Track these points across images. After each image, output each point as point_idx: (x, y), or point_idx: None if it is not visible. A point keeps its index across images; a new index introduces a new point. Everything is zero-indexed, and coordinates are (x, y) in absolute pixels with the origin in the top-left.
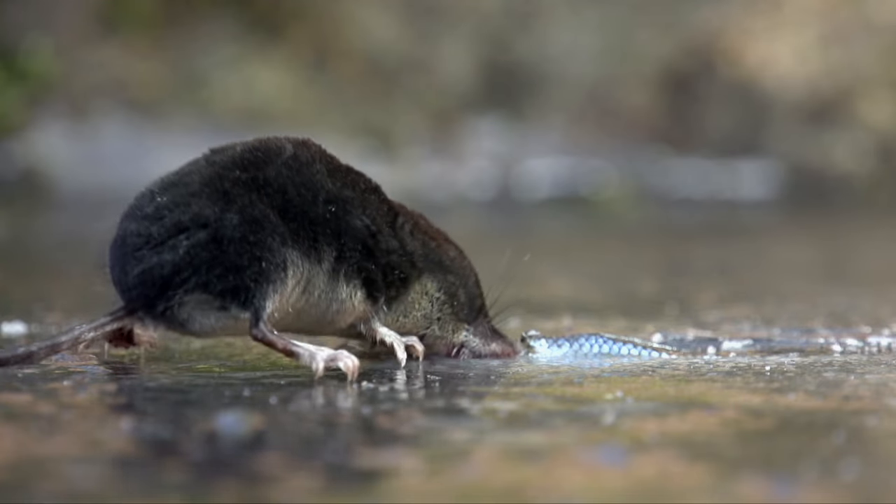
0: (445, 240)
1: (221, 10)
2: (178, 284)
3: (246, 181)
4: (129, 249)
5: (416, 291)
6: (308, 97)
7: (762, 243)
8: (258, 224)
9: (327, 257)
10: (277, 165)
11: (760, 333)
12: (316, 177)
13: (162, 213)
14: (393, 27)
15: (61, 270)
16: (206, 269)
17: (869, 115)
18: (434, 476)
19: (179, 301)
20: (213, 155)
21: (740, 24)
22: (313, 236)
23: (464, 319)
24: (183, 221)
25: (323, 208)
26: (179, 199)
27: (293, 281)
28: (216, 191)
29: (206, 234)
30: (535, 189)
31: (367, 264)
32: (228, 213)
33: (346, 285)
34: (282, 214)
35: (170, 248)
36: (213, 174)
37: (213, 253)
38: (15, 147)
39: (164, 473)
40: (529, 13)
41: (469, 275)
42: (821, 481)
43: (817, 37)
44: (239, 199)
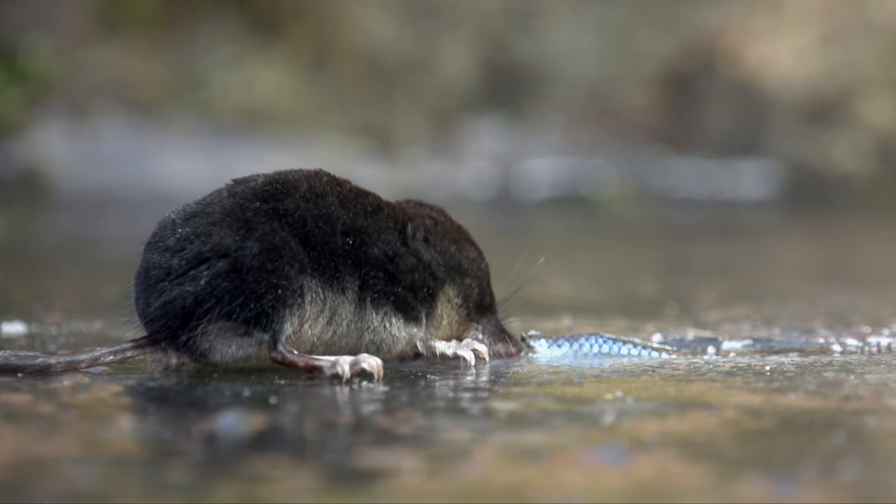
0: (466, 239)
1: (221, 10)
2: (200, 315)
3: (266, 211)
4: (151, 281)
5: (442, 301)
6: (308, 97)
7: (762, 243)
8: (277, 252)
9: (350, 287)
10: (296, 198)
11: (760, 333)
12: (331, 208)
13: (183, 245)
14: (393, 27)
15: (61, 270)
16: (228, 299)
17: (869, 115)
18: (434, 476)
19: (203, 331)
20: (235, 186)
21: (740, 24)
22: (334, 266)
23: (474, 319)
24: (203, 252)
25: (341, 240)
26: (200, 229)
27: (313, 308)
28: (237, 220)
29: (225, 263)
30: (535, 189)
31: (392, 289)
32: (248, 242)
33: (374, 313)
34: (303, 243)
35: (191, 279)
36: (233, 205)
37: (234, 282)
38: (15, 147)
39: (164, 473)
40: (529, 13)
41: (484, 276)
42: (821, 481)
43: (817, 37)
44: (259, 228)
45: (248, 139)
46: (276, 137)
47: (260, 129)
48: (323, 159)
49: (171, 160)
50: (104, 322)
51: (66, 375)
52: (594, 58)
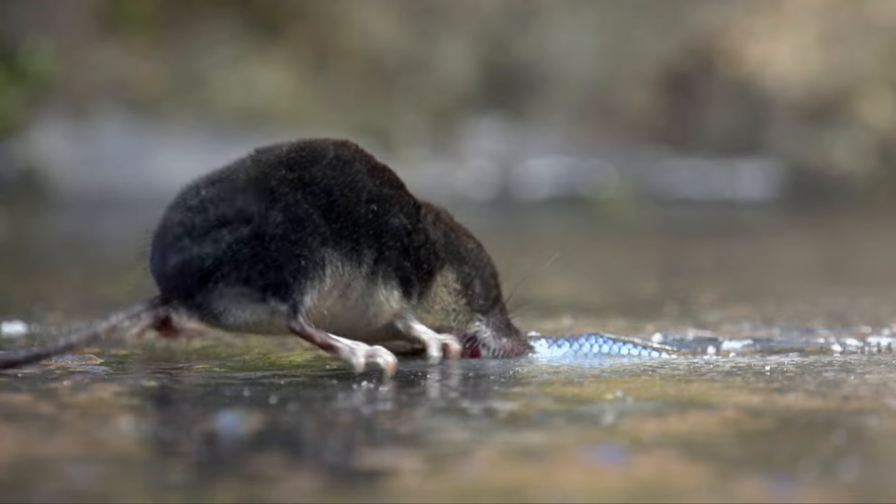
0: (465, 233)
1: (221, 10)
2: (218, 277)
3: (292, 180)
4: (170, 239)
5: (438, 283)
6: (308, 97)
7: (762, 243)
8: (300, 223)
9: (367, 260)
10: (322, 166)
11: (760, 333)
12: (357, 176)
13: (206, 206)
14: (393, 27)
15: (61, 270)
16: (247, 265)
17: (869, 115)
18: (434, 476)
19: (219, 293)
20: (259, 154)
21: (740, 24)
22: (355, 238)
23: (477, 310)
24: (227, 215)
25: (365, 208)
26: (225, 193)
27: (331, 282)
28: (262, 188)
29: (249, 229)
30: (535, 189)
31: (403, 263)
32: (272, 211)
33: (383, 288)
34: (325, 214)
35: (212, 240)
36: (259, 172)
37: (255, 249)
38: (15, 147)
39: (164, 473)
40: (529, 13)
41: (486, 266)
42: (821, 481)
43: (817, 37)
44: (283, 198)
45: (248, 139)
46: (277, 137)
47: (260, 129)
48: None
49: (171, 160)
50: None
51: (64, 376)
52: (594, 58)
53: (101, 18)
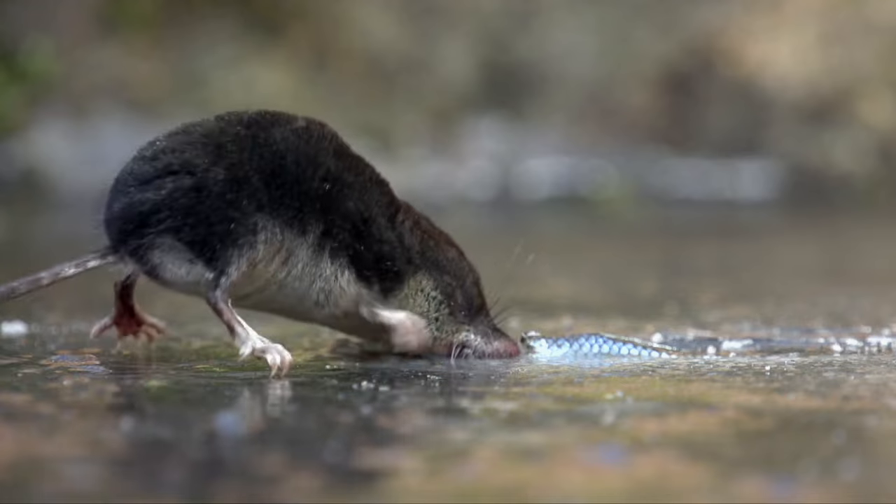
0: (447, 242)
1: (221, 10)
2: (153, 224)
3: (244, 137)
4: (120, 186)
5: (412, 287)
6: (308, 97)
7: (762, 243)
8: (238, 184)
9: (312, 230)
10: (284, 130)
11: (760, 333)
12: (319, 153)
13: (157, 156)
14: (393, 27)
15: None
16: (181, 215)
17: (869, 115)
18: (434, 476)
19: (150, 242)
20: (227, 113)
21: (740, 24)
22: (299, 207)
23: (463, 321)
24: (173, 165)
25: (318, 184)
26: (177, 145)
27: (267, 248)
28: (212, 143)
29: (191, 181)
30: (535, 189)
31: (355, 244)
32: (216, 167)
33: (330, 262)
34: (269, 179)
35: (155, 187)
36: (216, 127)
37: (192, 201)
38: (15, 147)
39: (164, 473)
40: (529, 13)
41: (467, 275)
42: (821, 481)
43: (817, 37)
44: (230, 156)
45: None
46: None
47: None
48: None
49: None
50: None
51: (64, 376)
52: (594, 58)
53: (101, 18)
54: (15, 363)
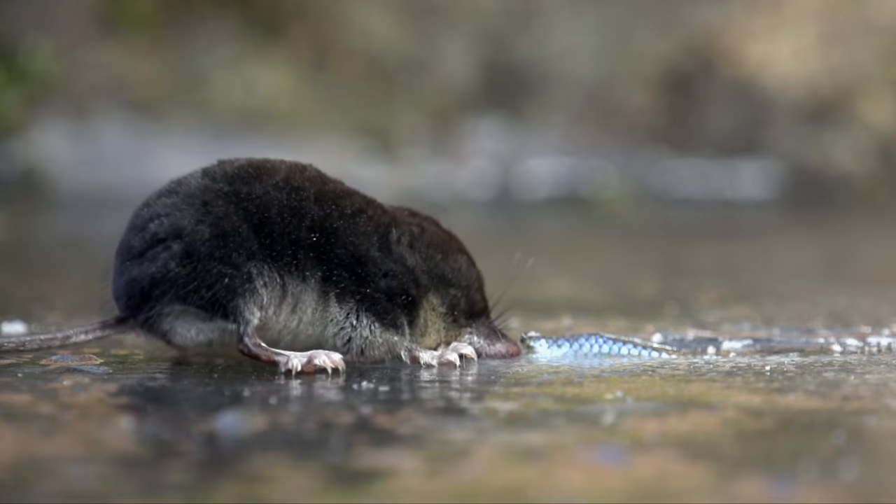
0: (456, 249)
1: (221, 10)
2: (156, 297)
3: (227, 194)
4: (119, 260)
5: (426, 309)
6: (308, 97)
7: (762, 243)
8: (225, 238)
9: (312, 276)
10: (266, 185)
11: (760, 333)
12: (302, 202)
13: (146, 224)
14: (393, 27)
15: (61, 270)
16: (181, 283)
17: (869, 115)
18: (434, 476)
19: (159, 312)
20: (213, 166)
21: (740, 24)
22: (293, 255)
23: (464, 324)
24: (160, 233)
25: (306, 233)
26: (162, 209)
27: (271, 292)
28: (197, 202)
29: (179, 246)
30: (535, 189)
31: (359, 289)
32: (201, 226)
33: (339, 308)
34: (258, 230)
35: (149, 259)
36: (200, 186)
37: (187, 268)
38: (15, 147)
39: (164, 473)
40: (529, 13)
41: (473, 284)
42: (821, 481)
43: (817, 37)
44: (214, 212)
45: (248, 139)
46: (276, 137)
47: (260, 129)
48: (323, 159)
49: (171, 160)
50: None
51: (64, 376)
52: (594, 58)
53: (101, 18)
54: (15, 363)
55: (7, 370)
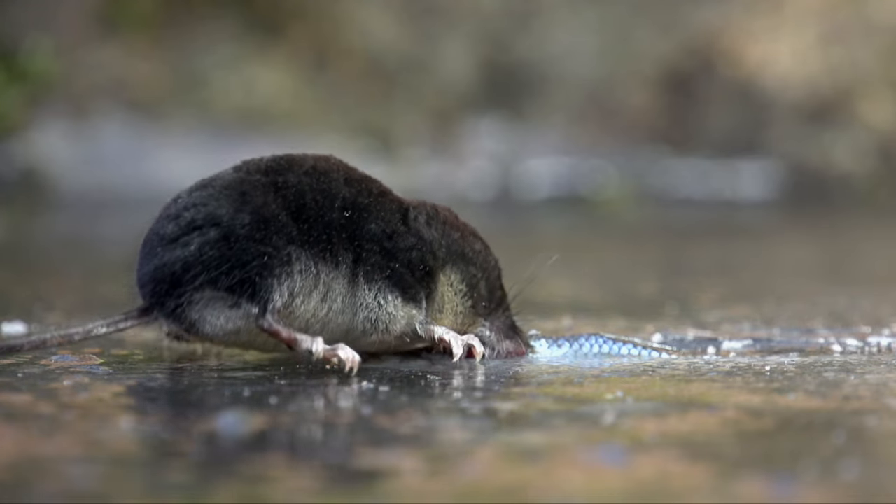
0: (472, 233)
1: (221, 10)
2: (188, 281)
3: (265, 184)
4: (148, 248)
5: (443, 283)
6: (308, 97)
7: (762, 243)
8: (267, 223)
9: (344, 261)
10: (298, 173)
11: (760, 333)
12: (332, 184)
13: (180, 213)
14: (393, 27)
15: (61, 270)
16: (215, 265)
17: (869, 115)
18: (434, 476)
19: (189, 299)
20: (242, 164)
21: (740, 24)
22: (328, 239)
23: (481, 314)
24: (197, 220)
25: (339, 213)
26: (199, 199)
27: (304, 280)
28: (235, 192)
29: (217, 232)
30: (535, 189)
31: (388, 264)
32: (241, 214)
33: (367, 289)
34: (296, 217)
35: (182, 245)
36: (235, 179)
37: (222, 250)
38: (15, 147)
39: (164, 473)
40: (529, 13)
41: (492, 268)
42: (821, 481)
43: (817, 37)
44: (253, 201)
45: (248, 139)
46: (276, 137)
47: (260, 129)
48: None
49: (171, 160)
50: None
51: (64, 376)
52: (594, 58)
53: (101, 18)
54: (15, 363)
55: (7, 370)
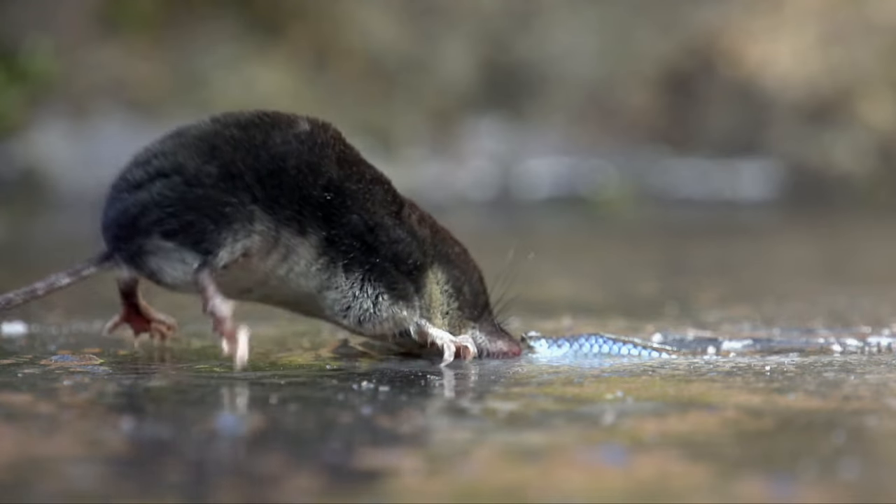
0: (450, 237)
1: (221, 10)
2: (144, 226)
3: (239, 139)
4: (113, 192)
5: (431, 281)
6: (308, 97)
7: (762, 243)
8: (232, 179)
9: (313, 232)
10: (285, 133)
11: (760, 333)
12: (322, 160)
13: (149, 160)
14: (393, 27)
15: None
16: (171, 211)
17: (869, 115)
18: (434, 476)
19: (151, 245)
20: (223, 115)
21: (740, 24)
22: (298, 210)
23: (469, 317)
24: (164, 168)
25: (319, 192)
26: (169, 148)
27: (262, 240)
28: (206, 144)
29: (181, 179)
30: (535, 189)
31: (370, 259)
32: (208, 166)
33: (345, 276)
34: (266, 178)
35: (146, 190)
36: (210, 130)
37: (182, 195)
38: (15, 147)
39: (164, 473)
40: (529, 13)
41: (473, 271)
42: (821, 481)
43: (817, 37)
44: (223, 156)
45: None
46: None
47: None
48: None
49: None
50: (104, 322)
51: (64, 376)
52: (594, 58)
53: (101, 18)
54: (15, 363)
55: (7, 370)
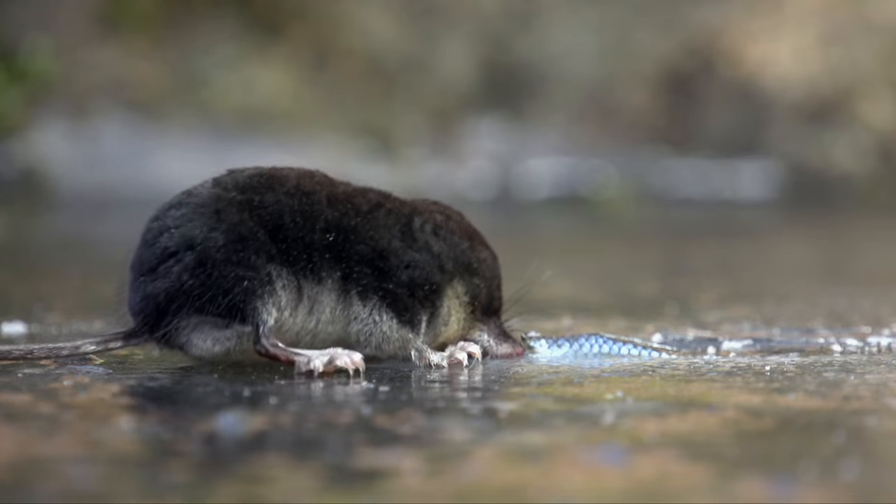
0: (480, 242)
1: (221, 10)
2: (173, 311)
3: (240, 202)
4: (133, 276)
5: (450, 297)
6: (308, 97)
7: (762, 244)
8: (242, 242)
9: (330, 277)
10: (278, 193)
11: (760, 333)
12: (315, 206)
13: (155, 239)
14: (393, 27)
15: (61, 270)
16: (197, 294)
17: (869, 115)
18: (434, 476)
19: (176, 326)
20: (223, 176)
21: (740, 24)
22: (308, 257)
23: (479, 319)
24: (170, 247)
25: (320, 235)
26: (171, 221)
27: (288, 294)
28: (209, 211)
29: (192, 257)
30: (535, 189)
31: (383, 285)
32: (214, 234)
33: (362, 305)
34: (273, 236)
35: (162, 274)
36: (211, 195)
37: (201, 277)
38: (15, 147)
39: (164, 473)
40: (529, 13)
41: (495, 277)
42: (821, 481)
43: (817, 37)
44: (227, 219)
45: (248, 139)
46: (276, 137)
47: (260, 129)
48: (323, 159)
49: (171, 160)
50: (104, 322)
51: (64, 376)
52: (594, 58)
53: (101, 18)
54: (15, 363)
55: (7, 370)
